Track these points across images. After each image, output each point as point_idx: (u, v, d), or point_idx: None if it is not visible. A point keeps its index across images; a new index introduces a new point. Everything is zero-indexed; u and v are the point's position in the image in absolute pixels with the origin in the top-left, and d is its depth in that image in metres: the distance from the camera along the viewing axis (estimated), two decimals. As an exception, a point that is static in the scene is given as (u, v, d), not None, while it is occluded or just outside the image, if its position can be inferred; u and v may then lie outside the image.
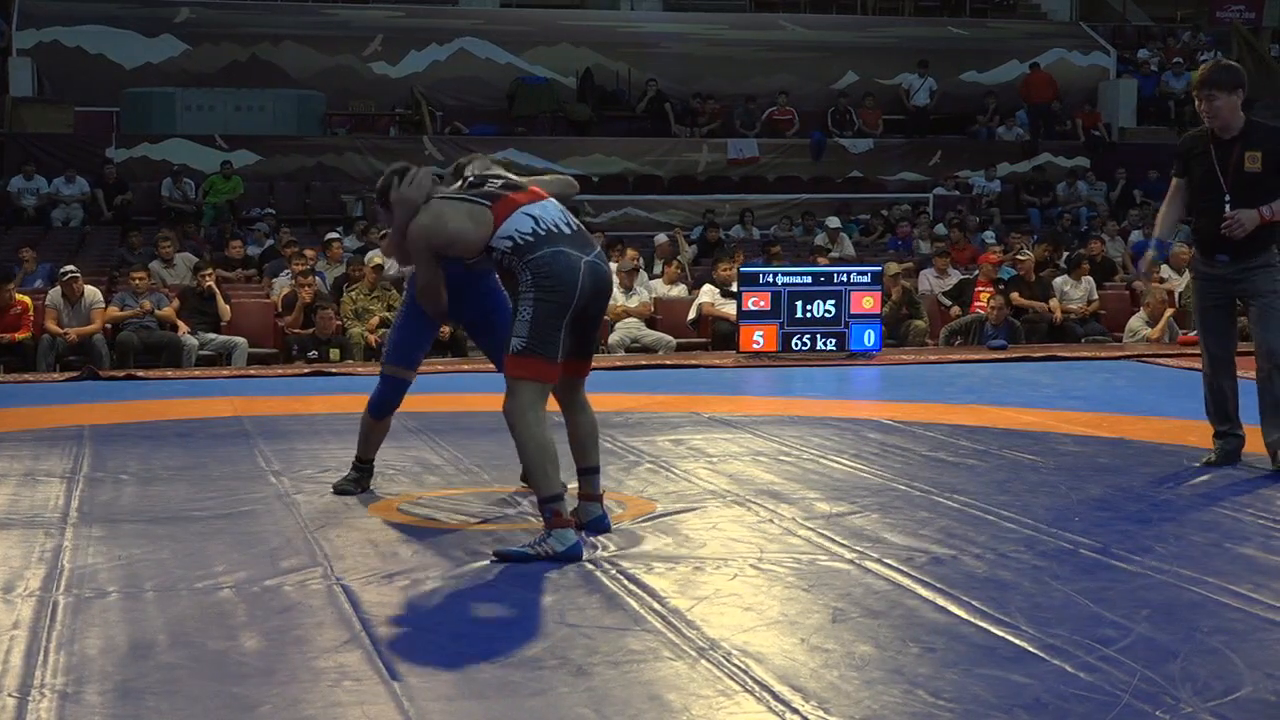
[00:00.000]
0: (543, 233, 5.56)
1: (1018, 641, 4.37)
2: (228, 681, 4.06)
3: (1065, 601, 4.82)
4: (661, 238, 17.67)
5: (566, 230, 5.63)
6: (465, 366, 12.44)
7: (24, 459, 7.87)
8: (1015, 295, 15.24)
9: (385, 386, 6.70)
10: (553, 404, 5.75)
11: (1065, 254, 17.10)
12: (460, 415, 9.14)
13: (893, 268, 15.46)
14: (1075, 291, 15.62)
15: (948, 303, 15.67)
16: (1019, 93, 25.17)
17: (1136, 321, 14.87)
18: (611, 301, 14.50)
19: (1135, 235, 19.88)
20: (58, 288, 13.63)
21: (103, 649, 4.36)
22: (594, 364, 6.12)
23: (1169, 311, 14.61)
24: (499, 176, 5.91)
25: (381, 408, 6.75)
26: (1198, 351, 7.69)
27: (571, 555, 5.39)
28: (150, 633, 4.54)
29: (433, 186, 5.89)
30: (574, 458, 5.95)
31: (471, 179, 5.90)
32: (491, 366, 6.95)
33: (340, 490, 6.76)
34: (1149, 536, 5.80)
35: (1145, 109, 25.95)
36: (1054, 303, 15.37)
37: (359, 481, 6.81)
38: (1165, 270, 16.32)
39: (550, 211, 5.67)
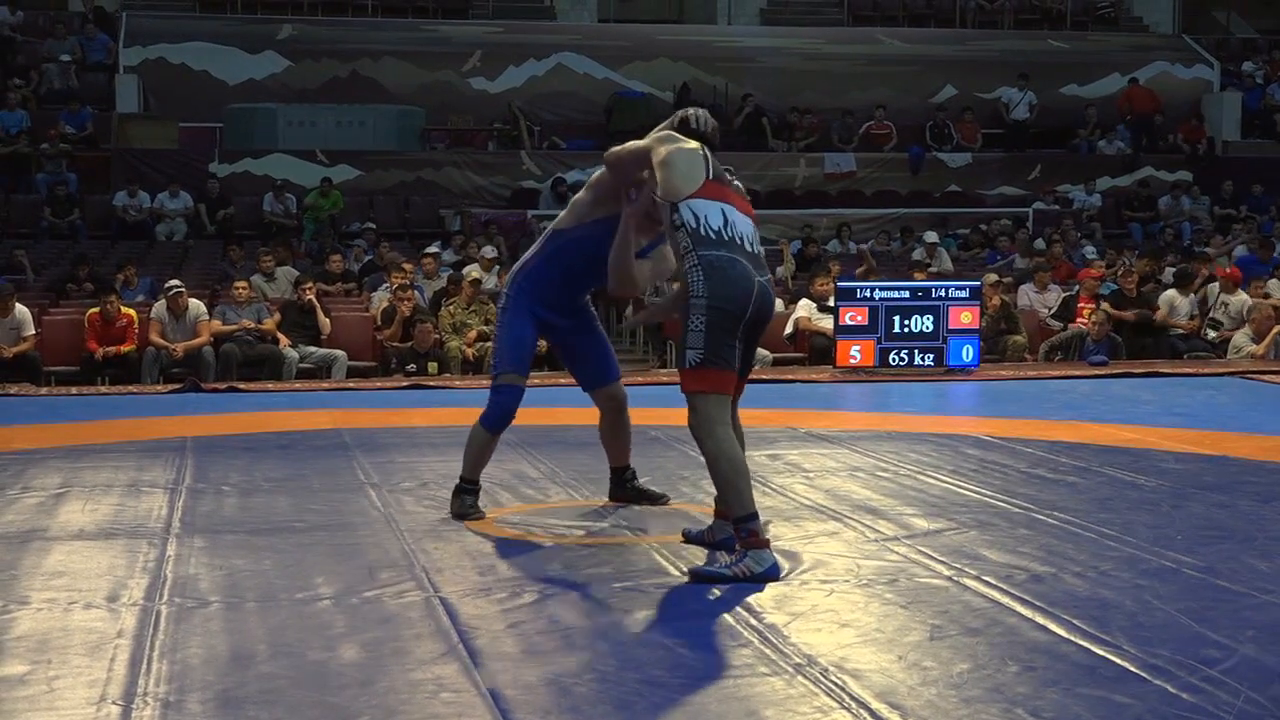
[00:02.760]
0: (727, 237, 5.46)
1: (1119, 661, 4.32)
2: (326, 692, 4.09)
3: (1167, 621, 4.76)
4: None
5: (749, 247, 5.52)
6: (562, 380, 12.46)
7: (128, 470, 7.98)
8: (1107, 306, 15.05)
9: (503, 397, 6.46)
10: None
11: (1171, 269, 16.87)
12: (556, 429, 9.17)
13: (991, 278, 15.36)
14: (1184, 305, 15.40)
15: (1052, 322, 15.47)
16: (1118, 106, 24.91)
17: (1241, 338, 14.65)
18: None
19: (1240, 250, 19.62)
20: (162, 301, 13.82)
21: (204, 658, 4.41)
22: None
23: (1276, 329, 14.38)
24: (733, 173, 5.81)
25: (500, 420, 6.50)
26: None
27: (769, 576, 5.26)
28: (251, 642, 4.58)
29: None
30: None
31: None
32: None
33: (463, 516, 6.48)
34: (1253, 555, 5.71)
35: (1250, 122, 25.60)
36: (1159, 314, 15.18)
37: (475, 505, 6.56)
38: (1273, 285, 16.08)
39: (744, 224, 5.55)
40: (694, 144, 5.67)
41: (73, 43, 23.52)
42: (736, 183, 5.74)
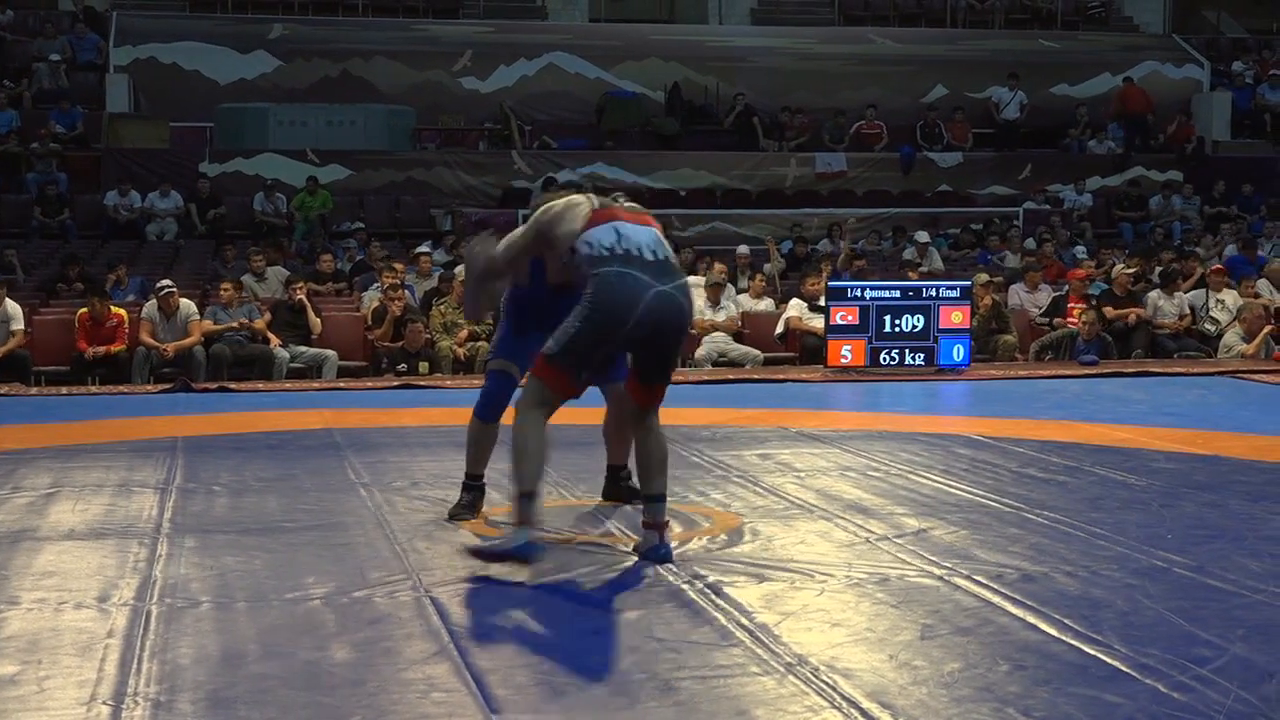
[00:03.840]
0: (620, 251, 5.52)
1: (1110, 660, 4.32)
2: (317, 692, 4.09)
3: (1158, 620, 4.76)
4: (743, 249, 17.64)
5: (648, 256, 5.55)
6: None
7: (119, 470, 7.97)
8: (1107, 309, 15.08)
9: (491, 383, 6.53)
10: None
11: (1158, 269, 16.90)
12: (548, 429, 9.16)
13: (983, 277, 15.38)
14: (1169, 306, 15.44)
15: (1044, 320, 15.50)
16: (1113, 105, 24.92)
17: (1232, 337, 14.67)
18: (698, 315, 14.64)
19: (1230, 249, 19.65)
20: (153, 301, 13.80)
21: (195, 658, 4.41)
22: (681, 378, 6.12)
23: (1267, 328, 14.41)
24: (621, 196, 5.98)
25: (489, 408, 6.53)
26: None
27: (518, 555, 5.35)
28: (241, 642, 4.58)
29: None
30: (639, 483, 5.87)
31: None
32: None
33: (455, 517, 6.51)
34: (1244, 555, 5.72)
35: (1240, 122, 25.61)
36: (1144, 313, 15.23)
37: (472, 506, 6.58)
38: (1262, 285, 16.11)
39: (641, 235, 5.62)
40: (566, 195, 5.83)
41: (63, 42, 23.47)
42: (627, 203, 5.85)
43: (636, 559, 5.66)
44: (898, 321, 12.93)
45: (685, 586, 5.25)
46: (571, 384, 5.56)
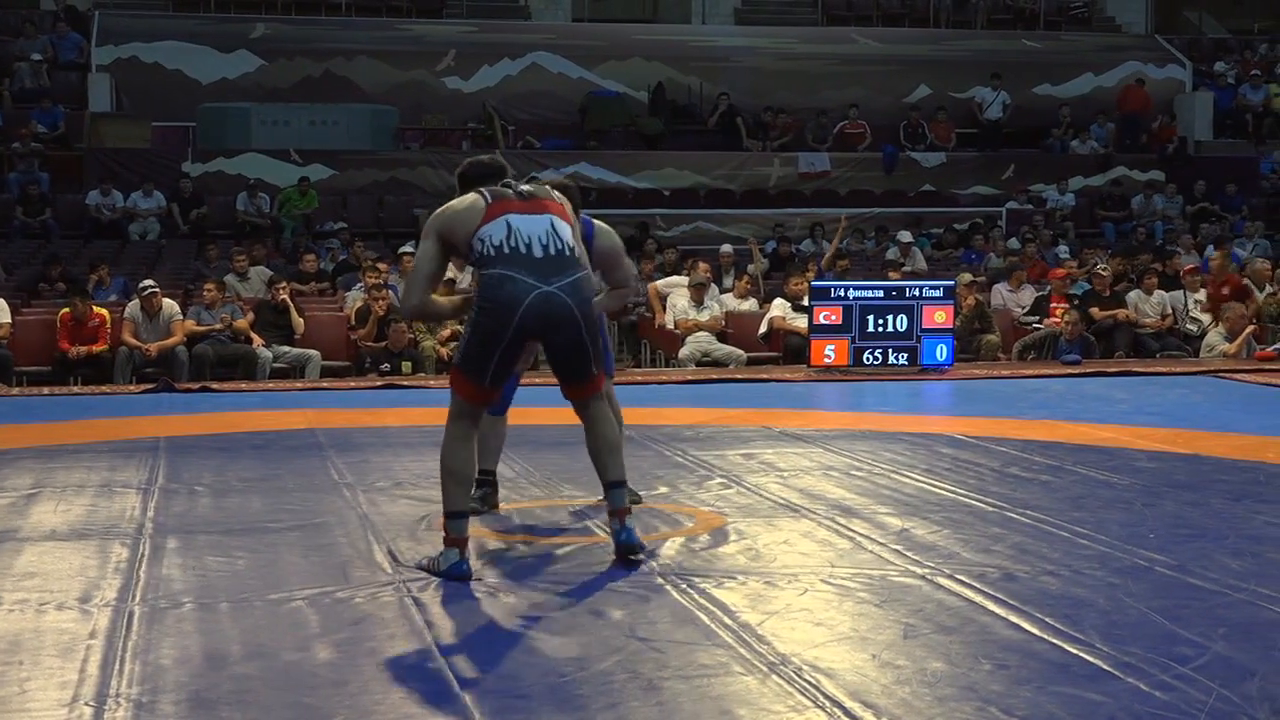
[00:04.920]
0: (507, 250, 5.41)
1: (1092, 659, 4.33)
2: (300, 692, 4.09)
3: (1140, 619, 4.78)
4: (726, 249, 17.65)
5: (537, 253, 5.42)
6: (536, 380, 12.45)
7: (101, 470, 7.96)
8: (1093, 310, 15.11)
9: None
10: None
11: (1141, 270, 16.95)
12: (531, 429, 9.16)
13: (966, 277, 15.40)
14: (1148, 305, 15.47)
15: (1027, 320, 15.52)
16: (1115, 100, 24.96)
17: (1214, 336, 14.71)
18: (682, 315, 14.66)
19: (1210, 249, 19.70)
20: (136, 301, 13.77)
21: (177, 659, 4.40)
22: (665, 378, 6.11)
23: (1249, 328, 14.44)
24: (537, 183, 5.77)
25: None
26: (1276, 368, 7.61)
27: (452, 574, 5.35)
28: (224, 643, 4.57)
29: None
30: (596, 471, 5.83)
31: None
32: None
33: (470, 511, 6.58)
34: (1225, 554, 5.74)
35: (1222, 122, 25.69)
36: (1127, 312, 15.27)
37: (485, 499, 6.58)
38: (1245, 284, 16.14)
39: (535, 226, 5.48)
40: (464, 198, 5.61)
41: (44, 41, 23.39)
42: (524, 187, 5.62)
43: (616, 559, 5.66)
44: (881, 321, 12.94)
45: (668, 586, 5.25)
46: (479, 391, 5.52)
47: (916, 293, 13.13)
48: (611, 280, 6.24)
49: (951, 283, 13.99)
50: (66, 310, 13.58)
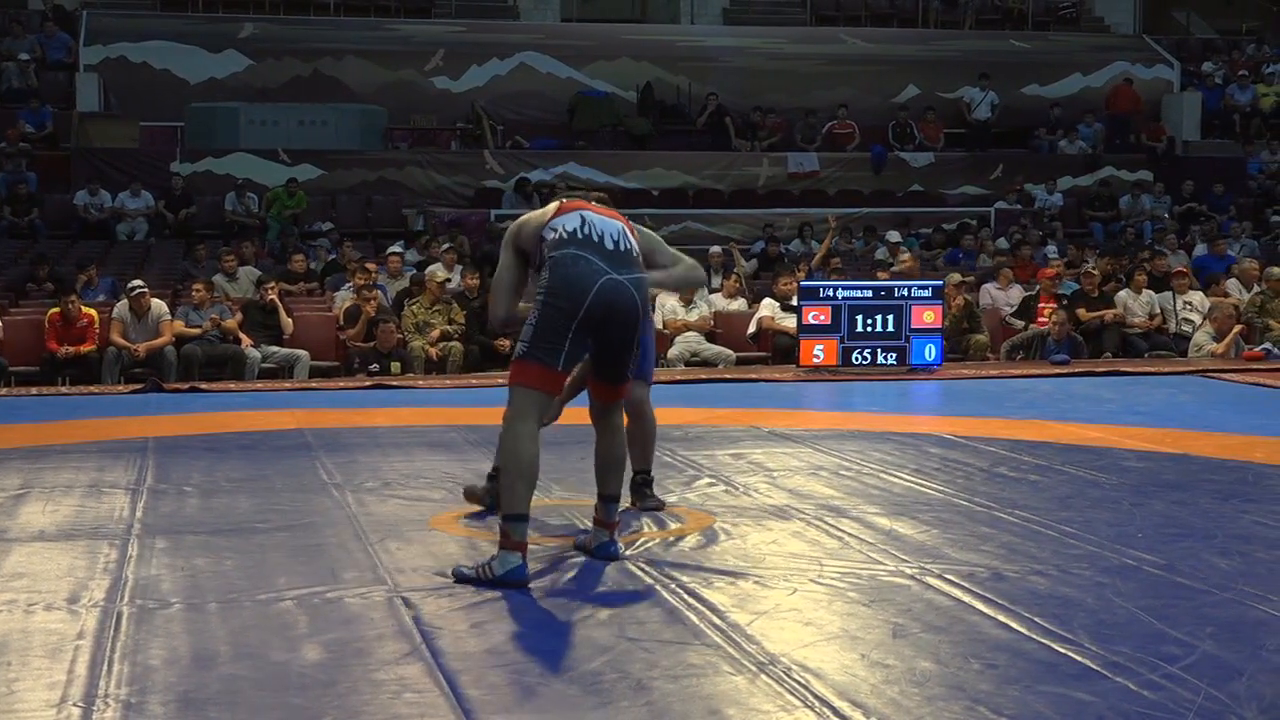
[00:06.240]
0: (580, 236, 5.45)
1: (1080, 659, 4.34)
2: (289, 693, 4.08)
3: (1128, 618, 4.78)
4: (715, 249, 17.66)
5: (609, 245, 5.48)
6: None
7: (89, 470, 7.94)
8: (1081, 310, 15.13)
9: None
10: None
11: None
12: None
13: (955, 277, 15.41)
14: (1137, 305, 15.49)
15: (1015, 321, 15.53)
16: (1104, 101, 25.00)
17: (1202, 336, 14.73)
18: (671, 315, 14.66)
19: (1199, 249, 19.73)
20: (124, 301, 13.75)
21: (166, 660, 4.39)
22: (654, 377, 6.11)
23: (1237, 328, 14.46)
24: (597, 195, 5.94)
25: None
26: (1263, 367, 7.62)
27: (510, 579, 5.20)
28: (212, 644, 4.57)
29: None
30: (596, 480, 5.80)
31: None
32: None
33: (470, 496, 6.65)
34: (1213, 553, 5.75)
35: (1210, 122, 25.72)
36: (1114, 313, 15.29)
37: (493, 491, 6.52)
38: (1232, 285, 16.18)
39: (606, 225, 5.55)
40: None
41: (32, 41, 23.36)
42: (596, 199, 5.81)
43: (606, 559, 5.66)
44: (870, 321, 12.96)
45: (658, 586, 5.25)
46: (549, 376, 5.38)
47: (905, 293, 13.15)
48: (660, 263, 6.03)
49: (940, 283, 14.01)
50: (55, 310, 13.55)
